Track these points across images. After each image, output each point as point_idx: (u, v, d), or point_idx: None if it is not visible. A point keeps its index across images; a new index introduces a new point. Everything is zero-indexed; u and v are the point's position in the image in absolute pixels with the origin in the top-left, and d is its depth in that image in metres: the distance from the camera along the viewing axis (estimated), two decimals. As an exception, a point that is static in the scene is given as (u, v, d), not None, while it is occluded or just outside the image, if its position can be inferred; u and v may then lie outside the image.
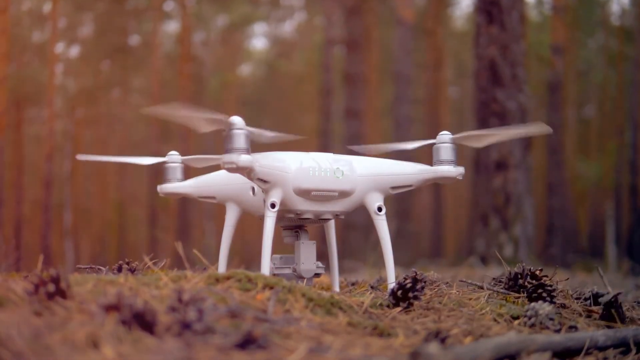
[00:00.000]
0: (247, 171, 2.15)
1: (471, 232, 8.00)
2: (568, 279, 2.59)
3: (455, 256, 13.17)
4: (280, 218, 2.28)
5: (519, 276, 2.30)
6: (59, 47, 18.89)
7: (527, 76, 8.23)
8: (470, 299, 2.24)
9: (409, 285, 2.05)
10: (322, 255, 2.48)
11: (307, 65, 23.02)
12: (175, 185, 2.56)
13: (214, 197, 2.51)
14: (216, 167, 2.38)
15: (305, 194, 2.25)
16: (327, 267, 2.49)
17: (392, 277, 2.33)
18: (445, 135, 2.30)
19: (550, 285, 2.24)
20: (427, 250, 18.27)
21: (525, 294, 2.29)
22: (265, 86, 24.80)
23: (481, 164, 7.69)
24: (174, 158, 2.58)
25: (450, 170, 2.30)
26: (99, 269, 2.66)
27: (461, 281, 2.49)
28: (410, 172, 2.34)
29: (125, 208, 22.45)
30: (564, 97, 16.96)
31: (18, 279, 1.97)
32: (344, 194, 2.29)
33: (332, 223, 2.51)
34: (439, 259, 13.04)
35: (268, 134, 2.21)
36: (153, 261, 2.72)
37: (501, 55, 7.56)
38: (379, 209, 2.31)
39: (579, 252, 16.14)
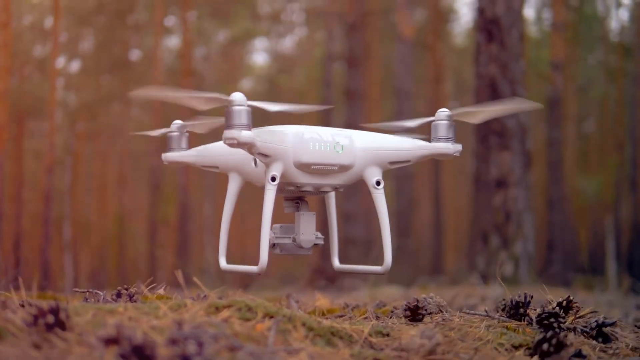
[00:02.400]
0: (248, 146, 2.20)
1: (472, 249, 7.99)
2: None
3: (456, 272, 13.15)
4: (280, 190, 2.32)
5: (520, 305, 2.30)
6: (60, 62, 18.95)
7: (527, 93, 8.25)
8: (471, 327, 2.23)
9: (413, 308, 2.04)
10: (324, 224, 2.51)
11: (308, 81, 23.07)
12: (179, 154, 2.60)
13: (216, 167, 2.55)
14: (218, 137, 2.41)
15: (305, 167, 2.29)
16: (327, 238, 2.51)
17: (388, 252, 2.34)
18: (443, 113, 2.35)
19: (563, 317, 2.24)
20: (427, 266, 18.24)
21: (527, 322, 2.28)
22: (266, 101, 24.82)
23: (481, 182, 7.69)
24: (177, 127, 2.62)
25: (447, 147, 2.35)
26: (96, 292, 2.65)
27: (463, 312, 2.48)
28: (408, 147, 2.39)
29: (125, 222, 22.44)
30: (564, 113, 16.98)
31: (16, 307, 1.97)
32: (343, 168, 2.34)
33: (332, 195, 2.55)
34: (439, 275, 13.02)
35: (272, 107, 2.25)
36: (152, 285, 2.71)
37: (501, 73, 7.58)
38: (377, 183, 2.36)
39: (580, 269, 16.12)
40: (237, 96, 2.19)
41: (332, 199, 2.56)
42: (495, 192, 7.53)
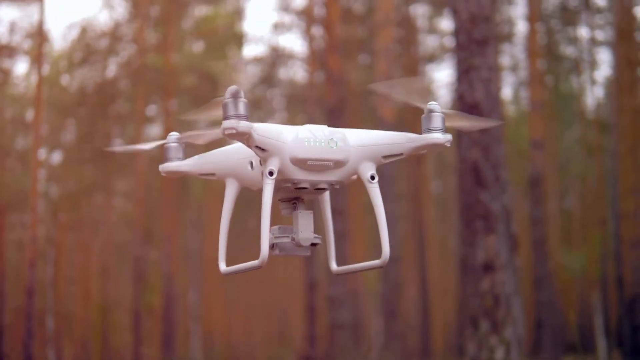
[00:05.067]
0: (246, 137, 2.24)
1: (461, 333, 7.93)
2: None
3: (444, 355, 13.02)
4: (277, 189, 2.34)
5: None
6: (42, 153, 18.98)
7: (510, 175, 8.30)
8: None
9: None
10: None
11: (290, 165, 23.21)
12: (176, 164, 2.63)
13: (213, 174, 2.58)
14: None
15: (301, 163, 2.33)
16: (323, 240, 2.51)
17: (386, 245, 2.35)
18: (433, 105, 2.41)
19: None
20: (416, 348, 18.05)
21: None
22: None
23: (469, 266, 7.67)
24: (174, 138, 2.67)
25: (438, 137, 2.41)
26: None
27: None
28: (400, 141, 2.45)
29: (108, 312, 22.17)
30: (545, 190, 17.11)
31: None
32: (338, 164, 2.38)
33: (327, 196, 2.56)
34: (428, 359, 12.86)
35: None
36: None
37: (484, 157, 7.64)
38: (372, 178, 2.40)
39: (570, 347, 16.00)
40: (234, 89, 2.26)
41: (326, 201, 2.60)
42: (483, 277, 7.50)
